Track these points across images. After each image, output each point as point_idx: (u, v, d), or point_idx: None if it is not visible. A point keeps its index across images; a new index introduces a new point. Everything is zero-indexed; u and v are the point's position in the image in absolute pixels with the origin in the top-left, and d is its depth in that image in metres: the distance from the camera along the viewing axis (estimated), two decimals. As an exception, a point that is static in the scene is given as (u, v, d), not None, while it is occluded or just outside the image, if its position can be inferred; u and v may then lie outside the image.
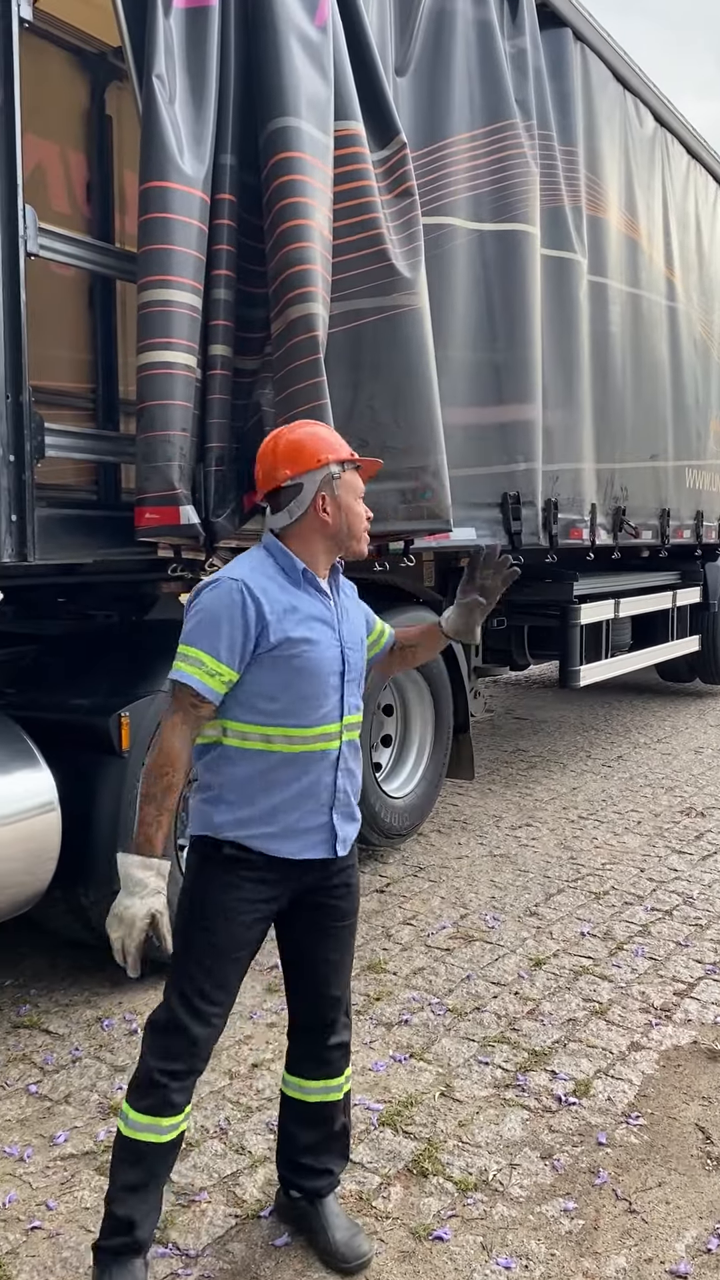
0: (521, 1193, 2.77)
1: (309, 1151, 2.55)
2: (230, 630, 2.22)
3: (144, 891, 2.18)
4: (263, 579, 2.29)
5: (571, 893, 4.88)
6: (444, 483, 4.08)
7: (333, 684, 2.33)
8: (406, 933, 4.39)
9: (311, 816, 2.34)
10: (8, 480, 3.04)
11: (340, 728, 2.36)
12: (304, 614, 2.30)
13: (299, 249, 3.39)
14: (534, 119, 5.43)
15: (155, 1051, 2.31)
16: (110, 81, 5.50)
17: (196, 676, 2.22)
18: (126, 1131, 2.31)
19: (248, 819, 2.29)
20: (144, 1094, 2.30)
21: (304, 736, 2.30)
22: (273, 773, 2.29)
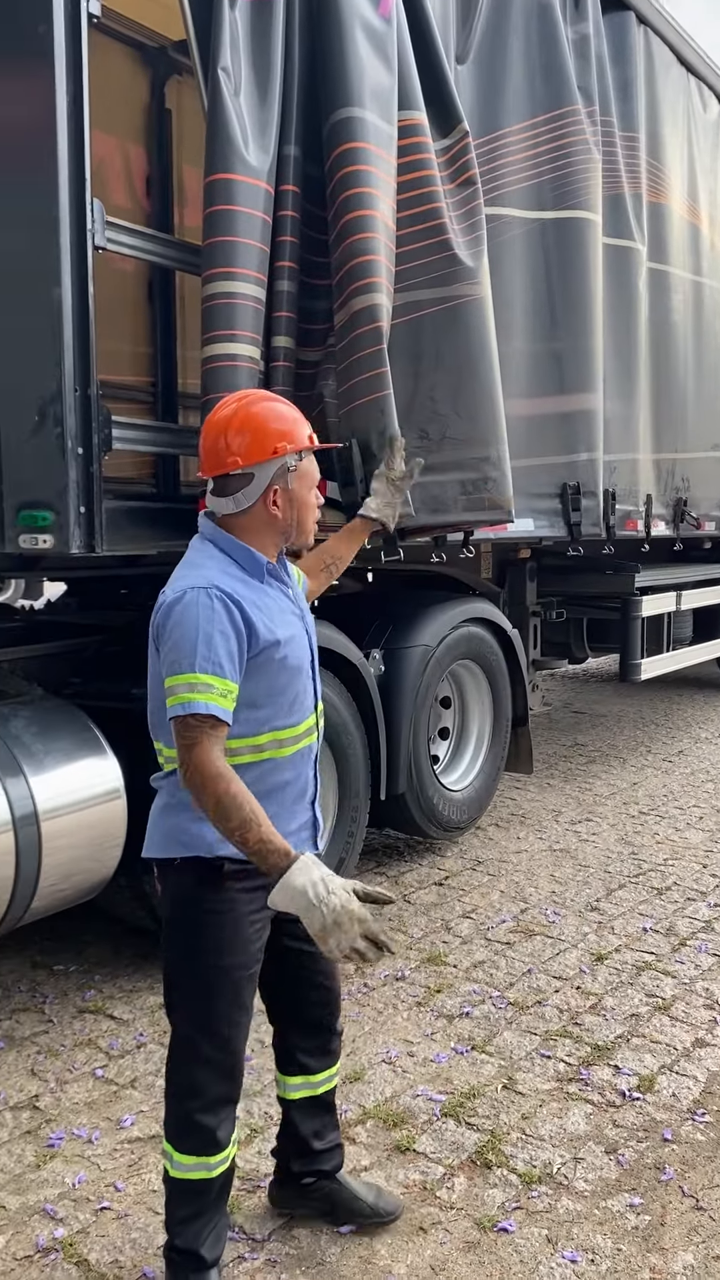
0: (586, 1187, 2.75)
1: (317, 1136, 2.55)
2: (225, 642, 2.05)
3: (326, 886, 1.94)
4: (232, 581, 2.12)
5: (633, 888, 4.83)
6: (506, 473, 4.06)
7: (308, 674, 2.27)
8: (466, 926, 4.38)
9: (298, 814, 2.29)
10: (76, 473, 3.08)
11: (315, 718, 2.30)
12: (277, 611, 2.19)
13: (363, 240, 3.39)
14: (596, 105, 5.36)
15: (185, 1091, 2.24)
16: (170, 75, 5.53)
17: (214, 703, 2.01)
18: (175, 1173, 2.25)
19: None
20: (183, 1135, 2.24)
21: (293, 736, 2.22)
22: (264, 781, 2.18)
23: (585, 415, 5.30)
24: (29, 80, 3.05)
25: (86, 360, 3.10)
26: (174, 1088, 2.28)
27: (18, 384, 3.11)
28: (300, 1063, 2.51)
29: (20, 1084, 3.20)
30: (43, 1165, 2.82)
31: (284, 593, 2.26)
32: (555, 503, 5.21)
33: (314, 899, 1.92)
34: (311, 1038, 2.50)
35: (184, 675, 2.02)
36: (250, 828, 1.99)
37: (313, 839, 2.36)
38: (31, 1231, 2.56)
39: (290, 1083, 2.53)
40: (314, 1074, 2.52)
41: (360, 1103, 3.11)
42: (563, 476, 5.21)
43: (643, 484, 6.20)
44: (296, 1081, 2.52)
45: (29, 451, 3.10)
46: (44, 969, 3.96)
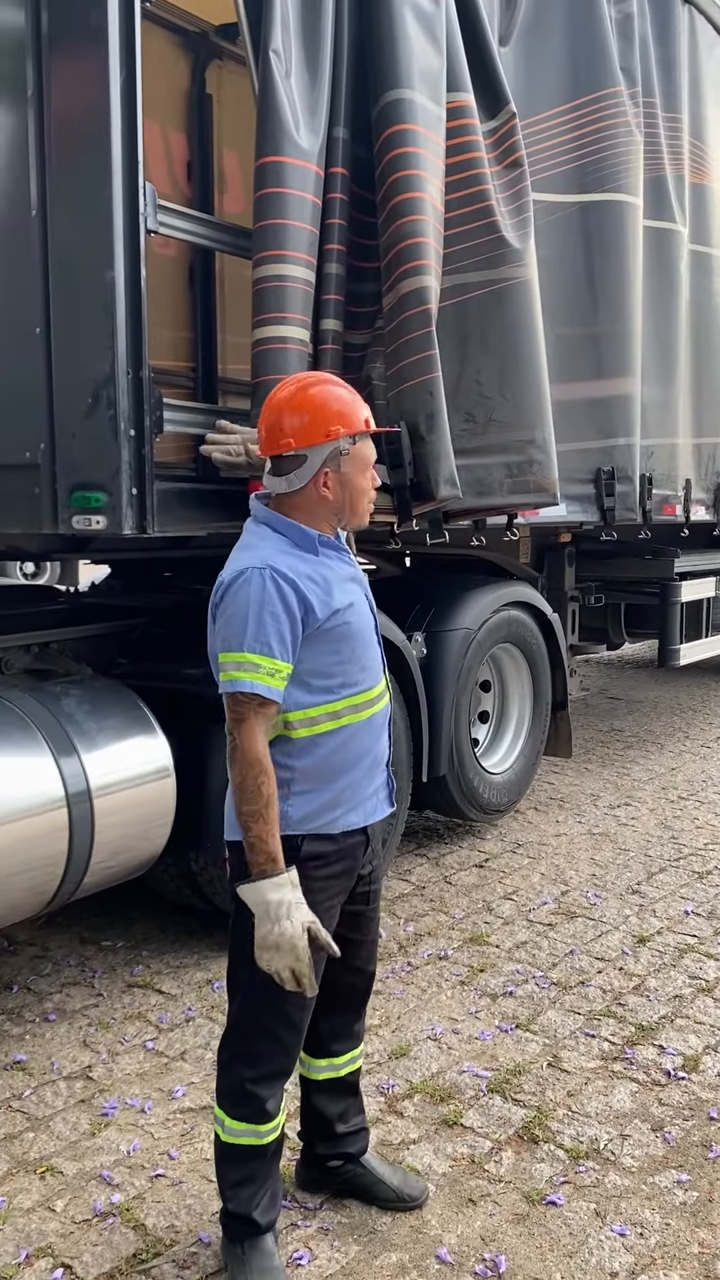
0: (634, 1163, 2.77)
1: (341, 1119, 2.56)
2: (276, 624, 2.09)
3: (290, 910, 2.07)
4: (287, 559, 2.16)
5: (674, 872, 4.83)
6: (551, 456, 4.06)
7: (372, 639, 2.31)
8: (507, 907, 4.40)
9: (374, 777, 2.34)
10: (129, 455, 3.11)
11: (385, 681, 2.35)
12: (336, 580, 2.22)
13: (412, 222, 3.39)
14: (639, 86, 5.32)
15: (242, 1061, 2.28)
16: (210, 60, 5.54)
17: (260, 682, 2.08)
18: (225, 1137, 2.31)
19: (324, 805, 2.24)
20: (236, 1103, 2.29)
21: (368, 700, 2.27)
22: (345, 749, 2.24)
23: (622, 400, 5.27)
24: (83, 66, 3.08)
25: (139, 343, 3.13)
26: (230, 1056, 2.32)
27: (71, 367, 3.15)
28: (327, 1046, 2.53)
29: (73, 1055, 3.26)
30: (97, 1133, 2.87)
31: (341, 559, 2.29)
32: (589, 488, 5.19)
33: (273, 915, 2.07)
34: (341, 1020, 2.53)
35: (234, 654, 2.10)
36: (259, 820, 2.09)
37: (388, 798, 2.41)
38: (89, 1196, 2.62)
39: (316, 1064, 2.55)
40: (338, 1056, 2.54)
41: (407, 1078, 3.14)
42: (597, 461, 5.19)
43: (682, 469, 6.17)
44: (321, 1064, 2.54)
45: (82, 434, 3.13)
46: (92, 944, 4.03)
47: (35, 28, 3.11)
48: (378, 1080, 3.12)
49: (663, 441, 5.89)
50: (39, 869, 3.15)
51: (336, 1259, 2.42)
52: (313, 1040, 2.53)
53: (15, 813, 3.07)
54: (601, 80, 5.04)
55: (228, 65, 5.57)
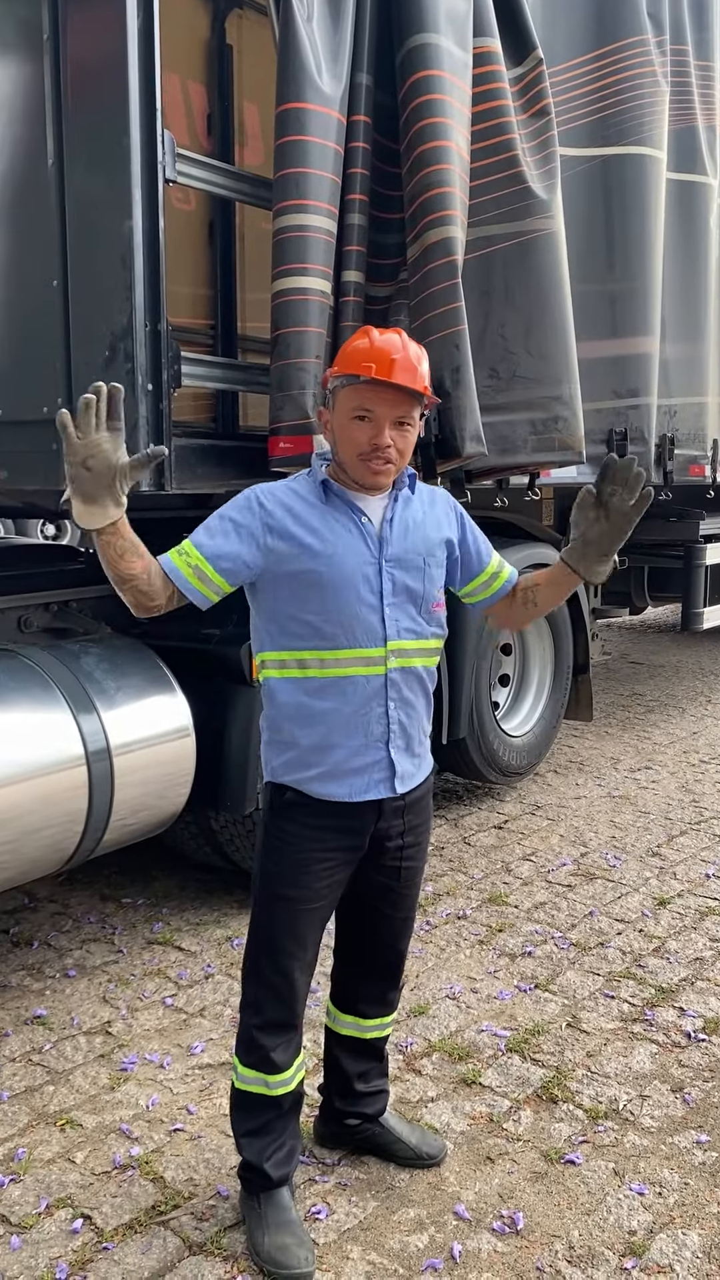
0: (653, 1123, 2.77)
1: (361, 1079, 2.56)
2: (221, 524, 2.15)
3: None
4: (284, 491, 2.20)
5: (694, 835, 4.81)
6: (577, 412, 3.99)
7: (368, 602, 2.17)
8: (526, 868, 4.39)
9: (365, 752, 2.21)
10: (146, 409, 3.07)
11: (385, 652, 2.19)
12: (320, 525, 2.15)
13: (438, 171, 3.31)
14: (666, 34, 5.17)
15: (247, 1004, 2.33)
16: (230, 10, 5.43)
17: (170, 556, 2.14)
18: (238, 1083, 2.35)
19: (297, 760, 2.21)
20: (247, 1049, 2.32)
21: (337, 660, 2.17)
22: (311, 701, 2.18)
23: (638, 359, 5.14)
24: (100, 11, 3.00)
25: (157, 296, 3.07)
26: (242, 1001, 2.36)
27: (89, 320, 3.10)
28: (354, 1005, 2.53)
29: (93, 1010, 3.28)
30: (116, 1088, 2.89)
31: (350, 516, 2.19)
32: (601, 448, 5.08)
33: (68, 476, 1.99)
34: (371, 985, 2.52)
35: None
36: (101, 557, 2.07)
37: (390, 783, 2.25)
38: (109, 1149, 2.64)
39: (341, 1018, 2.55)
40: (366, 1019, 2.53)
41: (426, 1036, 3.15)
42: (610, 422, 5.07)
43: (710, 428, 6.06)
44: (347, 1020, 2.54)
45: (99, 388, 3.09)
46: (113, 901, 4.05)
47: (51, -31, 3.03)
48: (396, 1038, 3.12)
49: (688, 400, 5.78)
50: (59, 826, 3.15)
51: (354, 1214, 2.43)
52: (340, 994, 2.55)
53: (35, 770, 3.07)
54: (626, 28, 4.89)
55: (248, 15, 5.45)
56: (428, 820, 2.43)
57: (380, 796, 2.25)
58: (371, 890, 2.39)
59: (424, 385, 2.13)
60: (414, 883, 2.44)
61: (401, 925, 2.47)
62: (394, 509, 2.25)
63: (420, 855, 2.42)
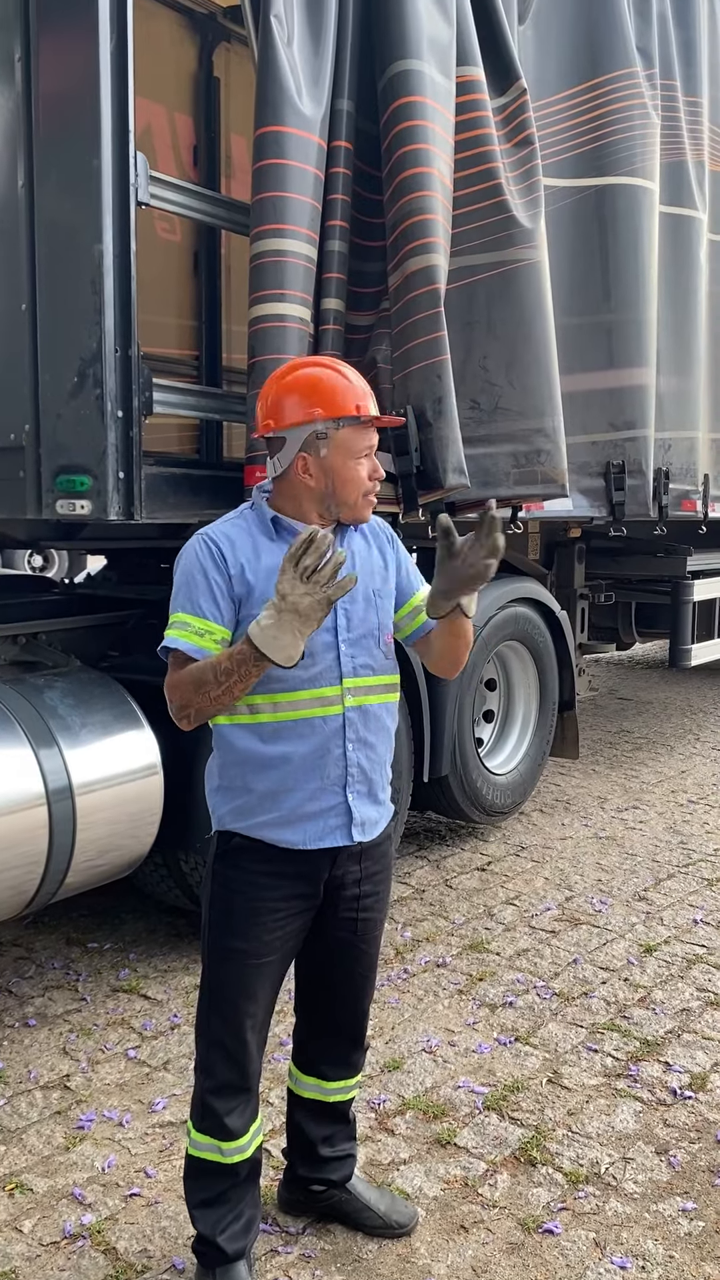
0: (636, 1189, 2.63)
1: (326, 1143, 2.42)
2: (205, 583, 2.05)
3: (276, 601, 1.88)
4: (234, 531, 2.11)
5: (682, 878, 4.68)
6: (560, 445, 3.91)
7: (322, 640, 2.08)
8: (509, 913, 4.25)
9: (321, 796, 2.11)
10: (116, 437, 2.98)
11: (341, 691, 2.11)
12: (275, 565, 2.03)
13: (420, 198, 3.24)
14: (656, 68, 5.16)
15: (200, 1066, 2.21)
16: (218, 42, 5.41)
17: (184, 639, 2.03)
18: (191, 1150, 2.22)
19: (249, 806, 2.10)
20: (200, 1114, 2.20)
21: (292, 701, 2.08)
22: (264, 747, 2.08)
23: (634, 391, 5.09)
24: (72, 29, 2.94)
25: (128, 320, 2.99)
26: (196, 1062, 2.24)
27: (57, 344, 3.01)
28: (316, 1066, 2.39)
29: (52, 1063, 3.13)
30: (72, 1147, 2.74)
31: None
32: (599, 481, 5.02)
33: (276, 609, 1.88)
34: (333, 1046, 2.38)
35: (171, 614, 2.09)
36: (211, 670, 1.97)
37: (346, 830, 2.14)
38: (59, 1216, 2.49)
39: (303, 1080, 2.41)
40: (328, 1081, 2.39)
41: (400, 1093, 3.00)
42: (607, 455, 5.01)
43: (701, 463, 6.00)
44: (309, 1081, 2.40)
45: (67, 414, 3.00)
46: (78, 946, 3.90)
47: (23, -10, 2.97)
48: (368, 1095, 2.98)
49: (681, 435, 5.72)
50: (17, 868, 3.01)
51: (318, 1289, 2.28)
52: (302, 1054, 2.41)
53: (-7, 810, 2.94)
54: (617, 60, 4.87)
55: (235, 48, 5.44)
56: (388, 869, 2.31)
57: (336, 845, 2.14)
58: (328, 945, 2.26)
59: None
60: (373, 936, 2.31)
61: (361, 982, 2.34)
62: (342, 540, 2.18)
63: (380, 906, 2.30)
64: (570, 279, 4.67)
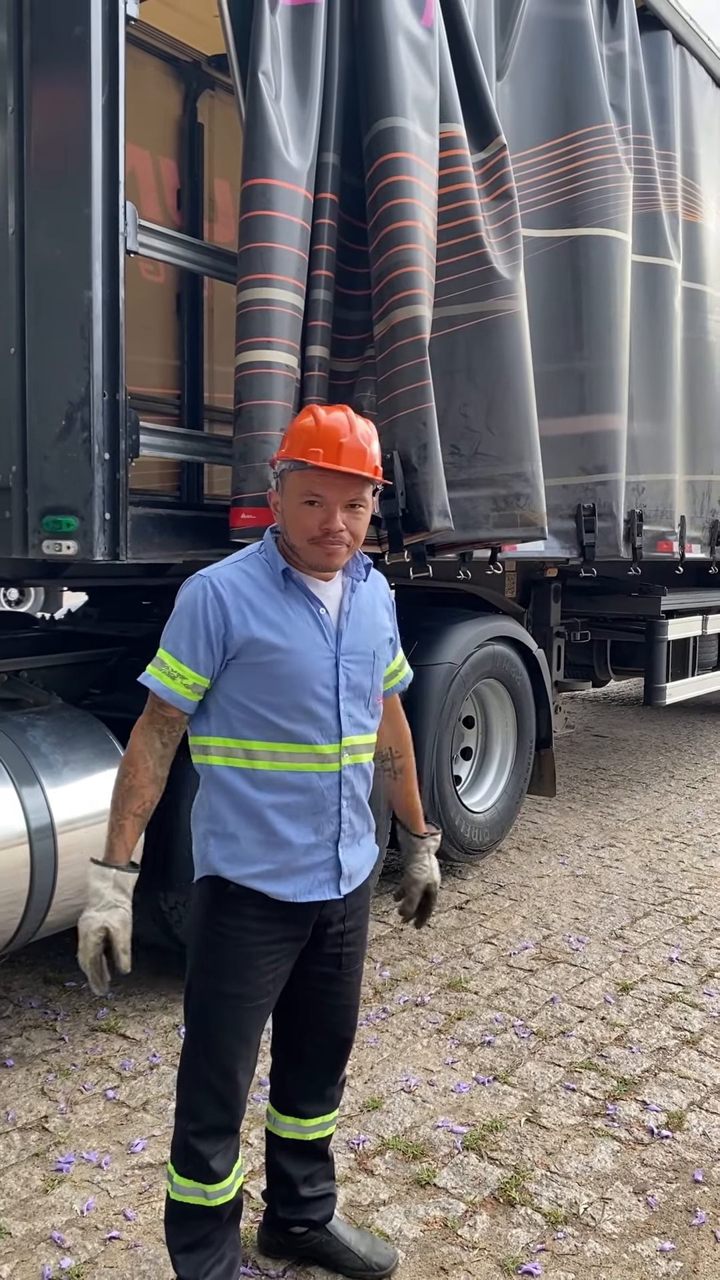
0: (615, 1229, 2.64)
1: (307, 1183, 2.42)
2: (191, 629, 2.06)
3: (99, 904, 2.06)
4: (239, 576, 2.10)
5: (658, 916, 4.72)
6: (539, 490, 3.98)
7: (323, 698, 2.10)
8: (487, 951, 4.27)
9: (314, 852, 2.14)
10: (102, 479, 3.02)
11: (340, 749, 2.13)
12: (279, 617, 2.08)
13: (405, 250, 3.33)
14: (629, 123, 5.31)
15: (183, 1110, 2.19)
16: (203, 90, 5.52)
17: (156, 678, 2.09)
18: (174, 1194, 2.20)
19: (241, 854, 2.10)
20: (182, 1159, 2.18)
21: (291, 754, 2.09)
22: (259, 794, 2.09)
23: (606, 436, 5.18)
24: (65, 81, 3.01)
25: (116, 365, 3.04)
26: (176, 1106, 2.23)
27: (45, 388, 3.06)
28: (294, 1105, 2.39)
29: (29, 1104, 3.11)
30: (50, 1190, 2.73)
31: (307, 605, 2.12)
32: (570, 523, 5.09)
33: (89, 901, 2.08)
34: (312, 1081, 2.38)
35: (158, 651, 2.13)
36: (114, 809, 2.11)
37: (335, 884, 2.17)
38: (37, 1260, 2.47)
39: (282, 1120, 2.41)
40: (305, 1118, 2.39)
41: (379, 1133, 3.01)
42: (578, 498, 5.08)
43: (677, 505, 6.10)
44: (288, 1121, 2.40)
45: (54, 456, 3.04)
46: (56, 985, 3.88)
47: (16, 41, 3.05)
48: (348, 1135, 2.98)
49: (655, 478, 5.82)
50: (-1, 907, 3.01)
51: (298, 1333, 2.28)
52: (279, 1095, 2.41)
53: (-25, 848, 2.94)
54: (591, 116, 5.01)
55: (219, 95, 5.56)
56: (368, 903, 2.36)
57: (325, 898, 2.18)
58: (312, 980, 2.28)
59: (374, 466, 2.08)
60: (356, 969, 2.34)
61: (344, 1013, 2.36)
62: (350, 600, 2.19)
63: (361, 940, 2.33)
64: (544, 327, 4.77)
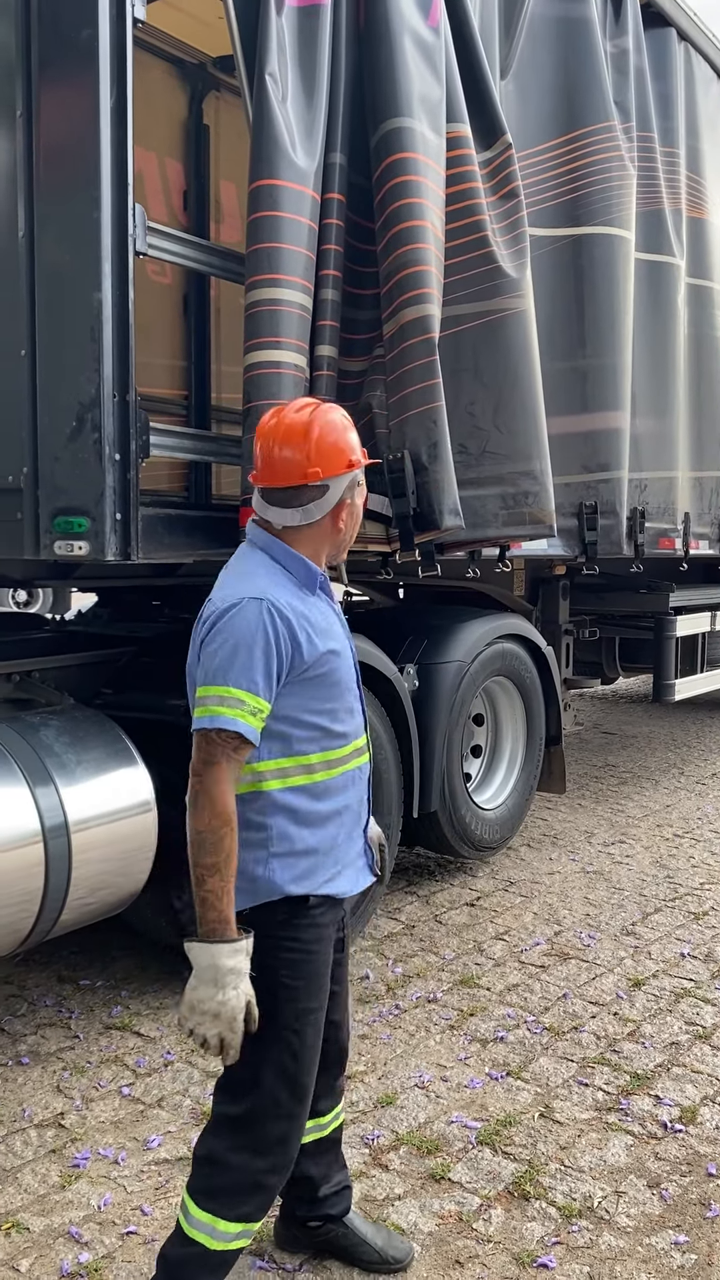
0: (629, 1222, 2.65)
1: (325, 1180, 2.43)
2: (265, 660, 1.96)
3: (238, 980, 1.93)
4: (284, 594, 2.04)
5: (669, 912, 4.72)
6: (547, 487, 3.99)
7: (355, 693, 2.18)
8: (499, 948, 4.28)
9: (356, 841, 2.21)
10: (113, 479, 3.04)
11: (366, 739, 2.24)
12: (325, 624, 2.10)
13: (415, 250, 3.35)
14: (633, 120, 5.31)
15: (258, 1149, 2.09)
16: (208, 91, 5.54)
17: (242, 720, 1.93)
18: (215, 1244, 2.08)
19: (314, 866, 2.09)
20: (243, 1200, 2.08)
21: (342, 756, 2.13)
22: (319, 804, 2.10)
23: (608, 434, 5.17)
24: (73, 84, 3.03)
25: (126, 367, 3.06)
26: (234, 1145, 2.09)
27: (56, 389, 3.08)
28: (314, 1104, 2.34)
29: (45, 1101, 3.13)
30: (68, 1186, 2.75)
31: (330, 605, 2.18)
32: (572, 521, 5.08)
33: (220, 981, 1.92)
34: (326, 1075, 2.37)
35: (217, 687, 1.95)
36: (216, 874, 1.94)
37: (369, 867, 2.26)
38: (56, 1255, 2.49)
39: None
40: (324, 1115, 2.40)
41: (393, 1128, 3.02)
42: (580, 496, 5.08)
43: (680, 502, 6.10)
44: (309, 1125, 2.37)
45: (66, 457, 3.06)
46: (70, 983, 3.90)
47: (25, 48, 3.07)
48: (362, 1131, 2.99)
49: (658, 475, 5.82)
50: (13, 906, 3.03)
51: (316, 1326, 2.29)
52: None
53: (-10, 847, 2.96)
54: (595, 114, 5.01)
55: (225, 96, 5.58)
56: None
57: (368, 884, 2.23)
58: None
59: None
60: (348, 950, 2.40)
61: (345, 998, 2.39)
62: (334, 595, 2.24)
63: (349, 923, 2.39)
64: (547, 325, 4.77)
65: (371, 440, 3.52)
